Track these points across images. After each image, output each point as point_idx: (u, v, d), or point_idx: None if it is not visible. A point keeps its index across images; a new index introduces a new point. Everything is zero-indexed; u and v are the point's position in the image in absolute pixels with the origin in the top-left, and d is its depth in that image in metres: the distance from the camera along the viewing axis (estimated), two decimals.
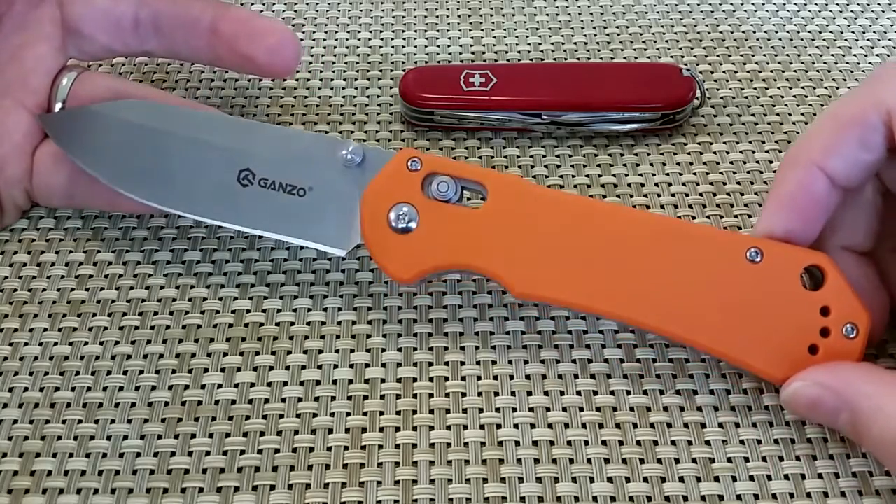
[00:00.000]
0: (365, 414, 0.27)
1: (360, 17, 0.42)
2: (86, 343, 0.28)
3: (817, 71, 0.39)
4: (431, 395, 0.27)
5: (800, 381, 0.24)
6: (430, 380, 0.28)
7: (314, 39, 0.41)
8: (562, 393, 0.27)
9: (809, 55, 0.40)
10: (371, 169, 0.28)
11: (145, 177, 0.28)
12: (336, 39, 0.41)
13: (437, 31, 0.41)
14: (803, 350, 0.25)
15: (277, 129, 0.31)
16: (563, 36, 0.41)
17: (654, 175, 0.34)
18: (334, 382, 0.28)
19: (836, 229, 0.27)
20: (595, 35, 0.41)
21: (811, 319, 0.25)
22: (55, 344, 0.28)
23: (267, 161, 0.28)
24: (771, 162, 0.35)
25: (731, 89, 0.38)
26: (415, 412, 0.27)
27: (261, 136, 0.29)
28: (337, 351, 0.28)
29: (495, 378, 0.28)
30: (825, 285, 0.25)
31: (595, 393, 0.27)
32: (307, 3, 0.43)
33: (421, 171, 0.27)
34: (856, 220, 0.27)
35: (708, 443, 0.26)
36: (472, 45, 0.40)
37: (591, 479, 0.25)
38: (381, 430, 0.26)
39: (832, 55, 0.40)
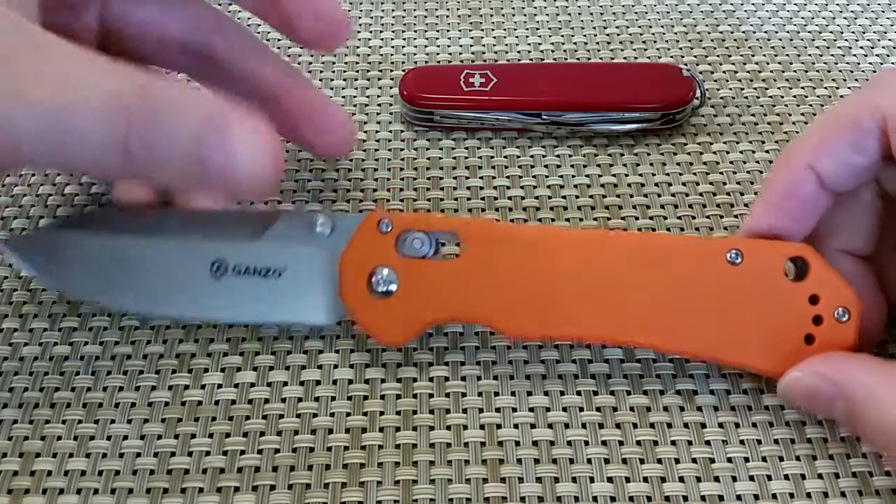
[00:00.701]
0: (365, 414, 0.27)
1: (360, 17, 0.42)
2: (86, 343, 0.28)
3: (817, 71, 0.39)
4: (431, 395, 0.27)
5: (796, 372, 0.25)
6: (430, 380, 0.28)
7: None
8: (562, 393, 0.27)
9: (809, 55, 0.40)
10: (343, 237, 0.27)
11: (116, 287, 0.28)
12: None
13: (437, 31, 0.41)
14: (800, 341, 0.25)
15: (244, 213, 0.30)
16: (563, 36, 0.41)
17: (654, 175, 0.34)
18: (334, 382, 0.28)
19: (833, 232, 0.27)
20: (595, 35, 0.41)
21: (802, 310, 0.25)
22: (55, 344, 0.28)
23: (238, 248, 0.27)
24: (771, 162, 0.35)
25: (731, 89, 0.38)
26: (415, 412, 0.27)
27: (228, 222, 0.28)
28: (337, 351, 0.28)
29: (495, 378, 0.28)
30: (810, 274, 0.25)
31: (595, 393, 0.27)
32: None
33: (393, 230, 0.26)
34: (853, 224, 0.27)
35: (708, 443, 0.26)
36: (472, 45, 0.40)
37: (592, 480, 0.25)
38: (381, 430, 0.26)
39: (832, 55, 0.40)
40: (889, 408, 0.23)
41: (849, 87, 0.38)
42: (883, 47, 0.40)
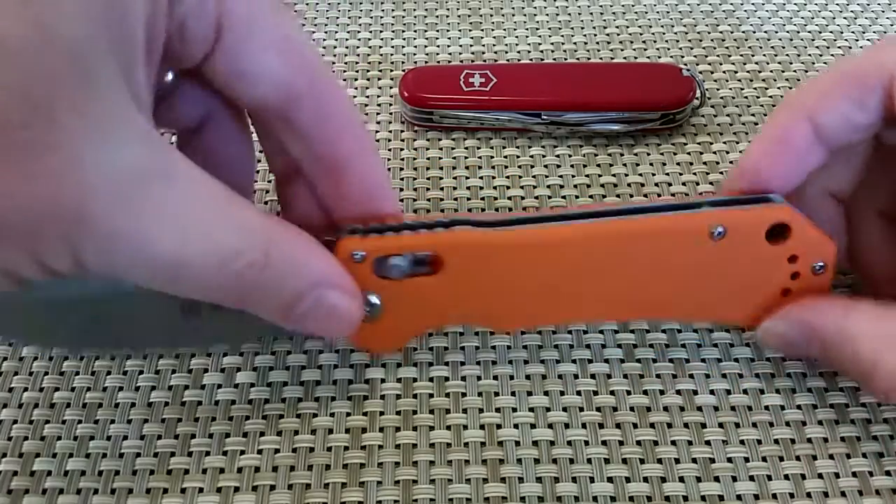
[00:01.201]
0: (365, 414, 0.27)
1: (360, 17, 0.42)
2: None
3: (817, 71, 0.39)
4: (431, 395, 0.27)
5: (770, 321, 0.26)
6: (430, 380, 0.28)
7: (314, 39, 0.41)
8: (562, 393, 0.27)
9: (809, 55, 0.40)
10: None
11: (89, 340, 0.28)
12: (336, 39, 0.41)
13: (437, 31, 0.41)
14: (777, 295, 0.26)
15: None
16: (563, 36, 0.41)
17: (654, 175, 0.34)
18: (334, 382, 0.28)
19: (822, 174, 0.27)
20: (595, 35, 0.41)
21: (781, 269, 0.26)
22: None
23: None
24: None
25: (731, 89, 0.38)
26: (415, 412, 0.27)
27: None
28: (337, 351, 0.28)
29: (495, 378, 0.28)
30: (791, 237, 0.25)
31: (595, 393, 0.27)
32: (307, 3, 0.43)
33: (367, 258, 0.24)
34: (842, 169, 0.28)
35: (708, 443, 0.26)
36: (472, 45, 0.40)
37: (592, 480, 0.25)
38: (381, 430, 0.26)
39: (832, 55, 0.40)
40: (859, 342, 0.24)
41: None
42: None
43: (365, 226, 0.25)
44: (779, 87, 0.38)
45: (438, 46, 0.40)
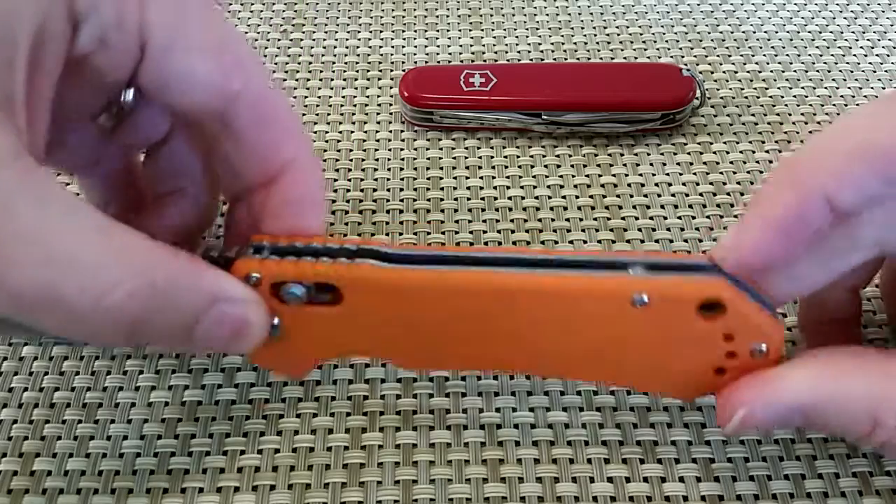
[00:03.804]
0: (365, 414, 0.27)
1: (360, 17, 0.42)
2: (85, 343, 0.28)
3: (817, 71, 0.39)
4: (431, 395, 0.27)
5: (740, 411, 0.23)
6: (430, 380, 0.28)
7: (314, 39, 0.41)
8: (562, 393, 0.27)
9: (809, 55, 0.40)
10: None
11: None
12: (336, 39, 0.41)
13: (437, 31, 0.41)
14: (710, 373, 0.24)
15: None
16: (563, 36, 0.41)
17: (654, 175, 0.34)
18: (334, 382, 0.28)
19: (847, 275, 0.24)
20: (595, 35, 0.41)
21: (715, 347, 0.23)
22: (54, 344, 0.28)
23: None
24: (771, 162, 0.35)
25: (731, 89, 0.38)
26: (415, 412, 0.27)
27: None
28: None
29: (495, 378, 0.28)
30: (726, 315, 0.22)
31: (595, 393, 0.27)
32: (307, 3, 0.43)
33: (263, 282, 0.23)
34: (866, 267, 0.25)
35: (708, 443, 0.26)
36: (472, 45, 0.40)
37: (592, 480, 0.25)
38: (381, 430, 0.26)
39: (832, 55, 0.40)
40: (853, 403, 0.22)
41: (849, 87, 0.38)
42: (883, 47, 0.40)
43: (270, 241, 0.23)
44: (779, 87, 0.38)
45: (438, 46, 0.40)
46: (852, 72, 0.39)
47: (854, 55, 0.40)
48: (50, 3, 0.20)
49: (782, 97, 0.38)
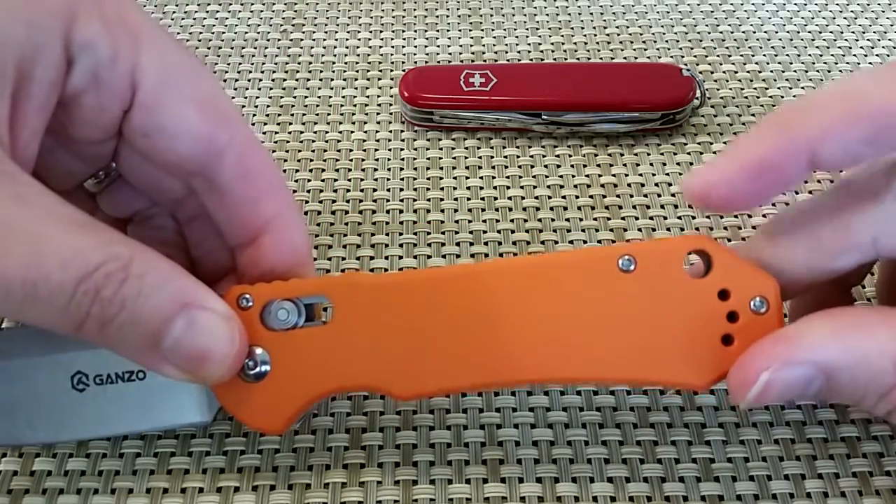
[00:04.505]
0: (365, 414, 0.27)
1: (360, 17, 0.42)
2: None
3: (817, 71, 0.39)
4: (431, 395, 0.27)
5: (763, 375, 0.21)
6: None
7: (314, 39, 0.41)
8: (562, 393, 0.27)
9: (809, 55, 0.40)
10: None
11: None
12: (336, 39, 0.41)
13: (437, 31, 0.41)
14: (717, 344, 0.22)
15: None
16: (563, 36, 0.41)
17: (654, 175, 0.34)
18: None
19: (847, 275, 0.24)
20: (595, 35, 0.41)
21: (712, 308, 0.22)
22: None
23: (92, 355, 0.25)
24: None
25: (731, 89, 0.38)
26: (415, 412, 0.27)
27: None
28: None
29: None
30: (714, 267, 0.22)
31: (595, 393, 0.27)
32: (307, 3, 0.43)
33: (255, 304, 0.23)
34: (861, 268, 0.25)
35: (708, 443, 0.26)
36: (472, 45, 0.40)
37: (592, 480, 0.25)
38: (381, 430, 0.26)
39: (832, 55, 0.40)
40: (869, 363, 0.21)
41: None
42: (883, 47, 0.40)
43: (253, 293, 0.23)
44: (779, 87, 0.38)
45: (438, 46, 0.40)
46: (852, 72, 0.39)
47: (854, 55, 0.40)
48: (45, 36, 0.21)
49: (782, 97, 0.38)
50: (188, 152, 0.23)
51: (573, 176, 0.34)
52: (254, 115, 0.37)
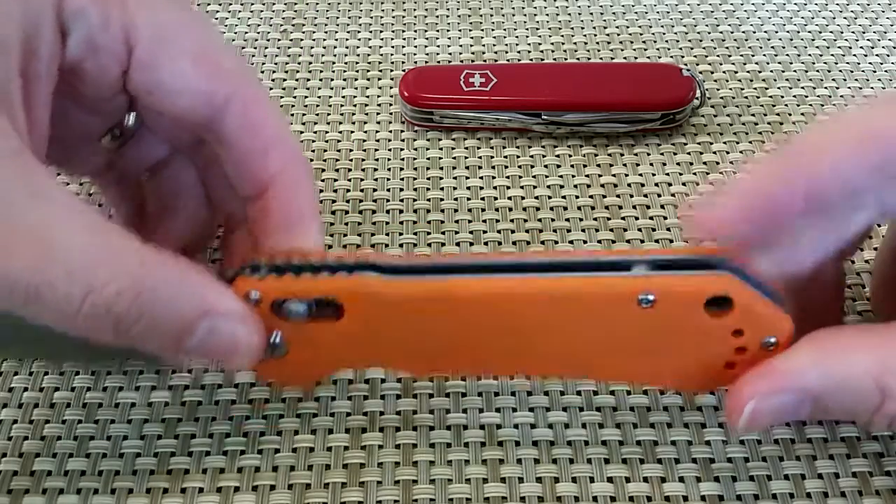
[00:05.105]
0: (365, 414, 0.27)
1: (360, 17, 0.42)
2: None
3: (817, 71, 0.39)
4: (431, 395, 0.27)
5: (749, 404, 0.22)
6: (430, 380, 0.28)
7: (314, 39, 0.41)
8: (562, 393, 0.27)
9: (809, 55, 0.40)
10: None
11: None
12: (336, 39, 0.41)
13: (437, 31, 0.41)
14: (720, 368, 0.23)
15: None
16: (563, 36, 0.41)
17: (654, 175, 0.34)
18: (334, 382, 0.28)
19: (833, 239, 0.25)
20: (595, 35, 0.41)
21: (725, 342, 0.23)
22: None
23: None
24: None
25: (731, 89, 0.38)
26: (415, 412, 0.27)
27: None
28: None
29: (495, 378, 0.28)
30: (733, 310, 0.22)
31: (595, 393, 0.27)
32: (307, 3, 0.43)
33: (264, 300, 0.23)
34: (852, 232, 0.25)
35: (708, 443, 0.26)
36: (472, 45, 0.40)
37: (592, 480, 0.25)
38: (381, 430, 0.26)
39: (832, 55, 0.40)
40: (862, 379, 0.22)
41: (849, 87, 0.38)
42: (883, 47, 0.40)
43: (268, 261, 0.23)
44: (779, 87, 0.38)
45: (438, 46, 0.40)
46: (852, 72, 0.39)
47: (854, 55, 0.40)
48: (39, 11, 0.21)
49: (782, 97, 0.38)
50: (190, 107, 0.23)
51: (573, 176, 0.34)
52: None
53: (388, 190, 0.34)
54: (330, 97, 0.38)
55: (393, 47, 0.40)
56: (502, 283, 0.23)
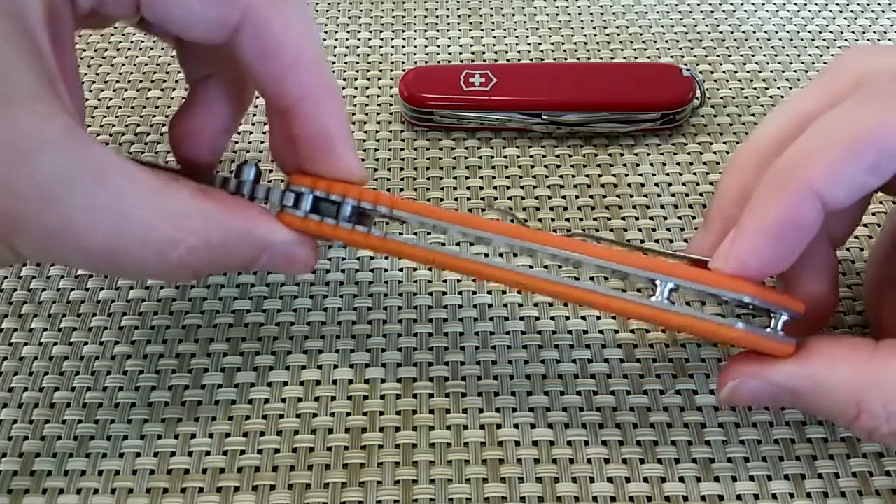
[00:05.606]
0: (365, 414, 0.27)
1: (360, 17, 0.42)
2: (85, 343, 0.28)
3: (817, 71, 0.39)
4: (431, 395, 0.27)
5: (730, 383, 0.24)
6: (430, 380, 0.28)
7: None
8: (562, 393, 0.27)
9: (809, 55, 0.40)
10: None
11: None
12: (336, 39, 0.41)
13: (437, 31, 0.41)
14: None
15: None
16: (563, 36, 0.41)
17: (654, 175, 0.34)
18: (334, 382, 0.28)
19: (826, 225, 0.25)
20: (595, 35, 0.41)
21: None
22: (54, 344, 0.28)
23: None
24: None
25: (731, 89, 0.38)
26: (415, 412, 0.27)
27: None
28: (337, 351, 0.28)
29: (495, 378, 0.28)
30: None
31: (595, 393, 0.27)
32: (307, 3, 0.43)
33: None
34: (846, 219, 0.26)
35: (708, 443, 0.26)
36: (472, 45, 0.40)
37: (592, 480, 0.25)
38: (381, 430, 0.26)
39: (832, 55, 0.40)
40: (839, 390, 0.22)
41: None
42: None
43: (310, 187, 0.25)
44: (779, 87, 0.38)
45: (438, 46, 0.40)
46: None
47: None
48: None
49: (782, 97, 0.38)
50: (204, 35, 0.24)
51: (573, 176, 0.34)
52: (254, 115, 0.37)
53: (389, 190, 0.34)
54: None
55: (393, 47, 0.40)
56: (538, 284, 0.24)
